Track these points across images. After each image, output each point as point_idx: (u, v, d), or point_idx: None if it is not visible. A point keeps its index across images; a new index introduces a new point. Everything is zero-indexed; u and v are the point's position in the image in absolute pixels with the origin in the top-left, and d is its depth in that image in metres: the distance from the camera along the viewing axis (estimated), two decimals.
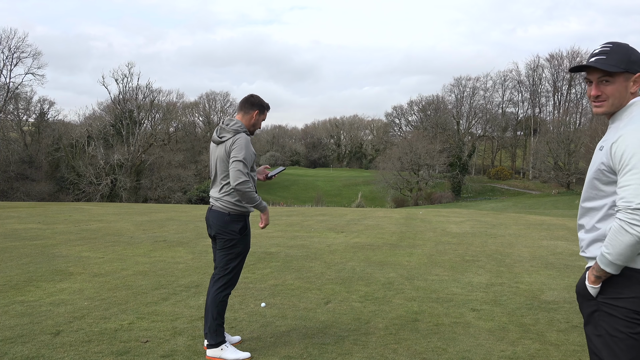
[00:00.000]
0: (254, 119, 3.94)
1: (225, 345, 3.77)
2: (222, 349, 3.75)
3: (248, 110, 3.93)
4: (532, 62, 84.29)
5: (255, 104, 3.94)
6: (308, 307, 5.21)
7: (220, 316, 3.80)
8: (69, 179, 55.27)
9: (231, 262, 3.85)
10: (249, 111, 3.93)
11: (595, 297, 2.05)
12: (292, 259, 8.18)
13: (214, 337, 3.78)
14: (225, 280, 3.84)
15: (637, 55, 2.10)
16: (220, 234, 3.87)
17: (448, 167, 71.39)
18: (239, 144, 3.75)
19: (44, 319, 4.59)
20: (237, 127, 3.84)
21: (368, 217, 18.29)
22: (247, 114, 3.93)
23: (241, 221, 3.86)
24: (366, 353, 3.89)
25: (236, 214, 3.86)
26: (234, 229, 3.83)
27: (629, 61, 2.06)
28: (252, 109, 3.93)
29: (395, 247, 9.76)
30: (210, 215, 3.95)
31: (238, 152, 3.71)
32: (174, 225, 13.49)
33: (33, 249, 8.74)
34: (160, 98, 69.21)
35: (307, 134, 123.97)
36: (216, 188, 3.94)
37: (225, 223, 3.85)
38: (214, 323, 3.78)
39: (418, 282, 6.53)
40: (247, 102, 3.94)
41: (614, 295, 2.00)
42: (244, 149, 3.72)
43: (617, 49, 2.10)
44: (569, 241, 11.24)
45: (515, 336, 4.38)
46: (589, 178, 2.16)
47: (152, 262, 7.66)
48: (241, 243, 3.86)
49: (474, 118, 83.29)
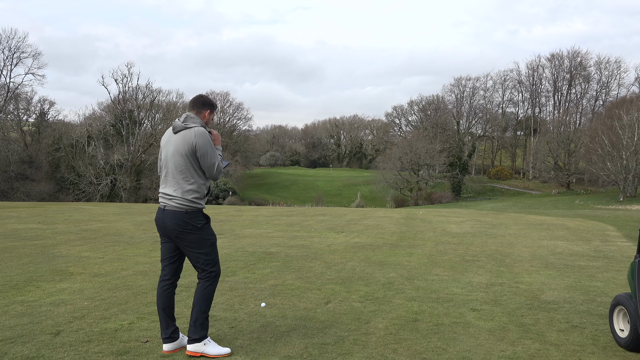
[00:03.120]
0: (206, 117, 3.95)
1: (208, 340, 3.76)
2: (204, 344, 3.73)
3: (200, 110, 3.93)
4: (533, 61, 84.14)
5: (206, 103, 3.96)
6: (308, 307, 5.21)
7: (208, 309, 3.79)
8: (69, 179, 55.27)
9: (209, 255, 3.80)
10: (201, 110, 3.93)
11: None
12: (292, 259, 8.18)
13: (199, 330, 3.74)
14: (213, 275, 3.82)
15: None
16: (182, 235, 3.75)
17: (448, 167, 71.40)
18: (205, 140, 3.76)
19: (44, 319, 4.58)
20: (200, 121, 3.87)
21: (368, 217, 18.29)
22: (199, 113, 3.93)
23: (200, 216, 3.80)
24: (366, 353, 3.89)
25: (194, 211, 3.77)
26: (196, 224, 3.75)
27: None
28: (204, 108, 3.94)
29: (395, 247, 9.75)
30: (164, 216, 3.79)
31: (211, 151, 3.78)
32: None
33: (33, 249, 8.74)
34: (160, 98, 69.23)
35: (307, 134, 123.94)
36: (170, 186, 3.80)
37: (185, 222, 3.73)
38: (201, 317, 3.74)
39: (418, 282, 6.53)
40: (198, 102, 3.95)
41: None
42: (208, 146, 3.77)
43: None
44: (569, 241, 11.24)
45: (515, 336, 4.38)
46: None
47: (152, 262, 7.66)
48: (208, 234, 3.82)
49: (474, 118, 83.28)
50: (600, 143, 52.92)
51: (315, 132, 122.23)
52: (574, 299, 5.78)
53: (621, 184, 51.24)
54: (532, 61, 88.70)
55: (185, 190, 3.75)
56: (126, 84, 63.93)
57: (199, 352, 3.72)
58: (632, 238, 11.96)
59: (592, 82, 78.90)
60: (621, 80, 77.11)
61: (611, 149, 51.44)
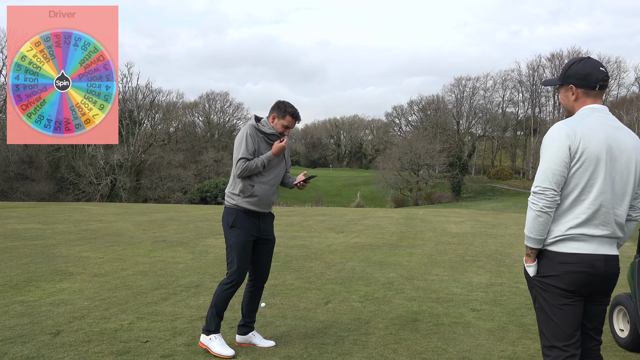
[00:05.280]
0: (272, 122, 4.08)
1: (215, 336, 3.85)
2: (210, 339, 3.85)
3: (269, 113, 4.12)
4: (534, 61, 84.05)
5: (273, 107, 4.11)
6: (308, 307, 5.21)
7: (218, 306, 3.88)
8: (69, 179, 55.23)
9: (228, 255, 3.92)
10: (269, 114, 4.11)
11: (532, 277, 2.49)
12: (292, 259, 8.18)
13: (208, 323, 3.89)
14: (228, 274, 3.91)
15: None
16: (223, 230, 4.01)
17: (448, 167, 71.36)
18: (239, 137, 3.98)
19: (44, 319, 4.58)
20: (254, 123, 4.06)
21: (368, 217, 18.29)
22: (268, 116, 4.11)
23: (232, 215, 3.91)
24: (366, 353, 3.89)
25: (230, 207, 3.95)
26: (226, 221, 3.93)
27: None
28: (271, 112, 4.11)
29: (395, 247, 9.76)
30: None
31: (241, 147, 3.93)
32: (174, 225, 13.49)
33: (33, 249, 8.74)
34: (160, 98, 69.24)
35: (307, 134, 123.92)
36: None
37: (223, 216, 4.00)
38: (210, 310, 3.90)
39: (418, 282, 6.53)
40: (273, 105, 4.10)
41: (543, 274, 2.45)
42: (238, 143, 3.96)
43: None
44: None
45: (515, 336, 4.38)
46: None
47: (152, 262, 7.66)
48: (230, 235, 3.90)
49: (474, 118, 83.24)
50: None
51: (315, 132, 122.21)
52: None
53: None
54: (533, 61, 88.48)
55: (228, 184, 4.03)
56: (126, 84, 63.78)
57: (205, 345, 3.87)
58: (632, 238, 11.96)
59: None
60: (621, 80, 77.02)
61: None
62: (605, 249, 2.40)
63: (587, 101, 2.51)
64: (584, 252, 2.37)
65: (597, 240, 2.39)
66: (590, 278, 2.37)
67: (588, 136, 2.36)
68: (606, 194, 2.37)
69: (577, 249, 2.38)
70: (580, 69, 2.49)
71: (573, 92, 2.52)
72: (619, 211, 2.43)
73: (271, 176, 4.02)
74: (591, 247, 2.38)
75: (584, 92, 2.50)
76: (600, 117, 2.45)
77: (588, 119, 2.42)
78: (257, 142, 3.94)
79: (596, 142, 2.36)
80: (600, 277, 2.39)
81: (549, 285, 2.42)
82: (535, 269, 2.48)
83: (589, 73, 2.47)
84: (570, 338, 2.41)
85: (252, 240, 3.95)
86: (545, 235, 2.41)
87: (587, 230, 2.37)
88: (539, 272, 2.47)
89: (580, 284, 2.38)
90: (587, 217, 2.37)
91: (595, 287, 2.42)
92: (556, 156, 2.36)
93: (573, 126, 2.39)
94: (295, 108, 4.09)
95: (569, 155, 2.35)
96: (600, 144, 2.36)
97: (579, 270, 2.36)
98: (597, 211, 2.37)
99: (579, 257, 2.37)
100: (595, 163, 2.35)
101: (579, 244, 2.38)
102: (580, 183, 2.37)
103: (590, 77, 2.47)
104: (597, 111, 2.47)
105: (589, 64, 2.49)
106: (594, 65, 2.48)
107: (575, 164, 2.36)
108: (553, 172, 2.35)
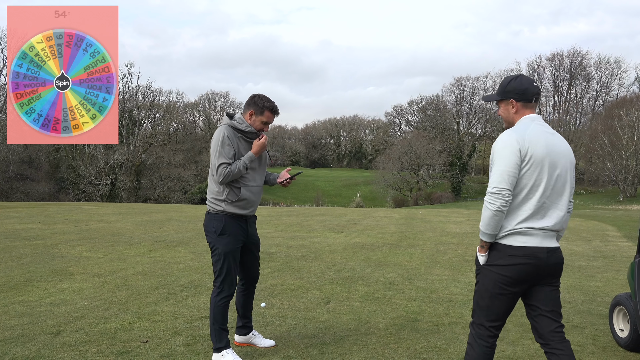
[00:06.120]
0: (250, 119, 3.75)
1: (226, 352, 3.63)
2: (222, 355, 3.62)
3: (245, 109, 3.77)
4: (534, 62, 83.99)
5: (250, 103, 3.75)
6: (308, 307, 5.21)
7: (218, 321, 3.66)
8: (69, 179, 55.25)
9: (216, 264, 3.67)
10: (245, 110, 3.76)
11: (482, 264, 2.80)
12: (292, 259, 8.18)
13: (214, 341, 3.68)
14: (217, 283, 3.69)
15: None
16: (205, 235, 3.77)
17: (448, 167, 71.37)
18: (215, 139, 3.66)
19: (44, 319, 4.58)
20: (229, 121, 3.75)
21: (368, 217, 18.29)
22: (244, 112, 3.77)
23: (220, 221, 3.66)
24: (366, 353, 3.89)
25: (216, 213, 3.68)
26: (210, 228, 3.68)
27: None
28: (248, 108, 3.76)
29: (395, 247, 9.75)
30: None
31: (219, 150, 3.64)
32: (174, 225, 13.49)
33: (33, 249, 8.74)
34: (160, 98, 69.25)
35: (307, 134, 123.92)
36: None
37: (206, 222, 3.74)
38: (212, 327, 3.68)
39: (418, 282, 6.53)
40: (247, 100, 3.77)
41: (492, 263, 2.75)
42: (215, 146, 3.64)
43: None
44: (568, 241, 11.24)
45: (515, 336, 4.38)
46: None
47: (152, 262, 7.66)
48: (219, 243, 3.65)
49: (474, 118, 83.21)
50: (600, 143, 52.94)
51: (315, 132, 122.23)
52: (574, 299, 5.78)
53: (621, 184, 51.27)
54: (533, 61, 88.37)
55: (209, 189, 3.76)
56: (126, 84, 63.81)
57: None
58: (632, 238, 11.96)
59: (592, 82, 78.85)
60: (621, 80, 77.00)
61: (611, 149, 51.46)
62: (547, 242, 2.71)
63: (525, 112, 2.83)
64: (529, 245, 2.67)
65: (541, 234, 2.70)
66: (533, 269, 2.68)
67: (534, 142, 2.67)
68: (549, 192, 2.69)
69: (524, 243, 2.68)
70: (518, 84, 2.82)
71: (513, 105, 2.84)
72: (559, 207, 2.74)
73: (256, 177, 3.78)
74: (536, 240, 2.68)
75: (523, 105, 2.83)
76: (538, 125, 2.77)
77: (530, 127, 2.74)
78: (236, 143, 3.64)
79: (540, 148, 2.67)
80: (543, 268, 2.70)
81: (495, 274, 2.72)
82: (485, 259, 2.78)
83: (527, 88, 2.80)
84: (497, 320, 2.77)
85: (240, 245, 3.76)
86: (498, 231, 2.71)
87: (533, 224, 2.67)
88: (488, 261, 2.77)
89: (525, 274, 2.69)
90: (533, 212, 2.67)
91: (540, 276, 2.72)
92: (510, 159, 2.66)
93: (520, 133, 2.70)
94: (273, 101, 3.75)
95: (520, 158, 2.65)
96: (544, 149, 2.68)
97: (524, 262, 2.67)
98: (541, 207, 2.68)
99: (525, 250, 2.67)
100: (540, 165, 2.67)
101: (526, 238, 2.68)
102: (529, 183, 2.67)
103: (527, 91, 2.80)
104: (536, 120, 2.80)
105: (525, 81, 2.83)
106: (529, 81, 2.83)
107: (524, 166, 2.66)
108: (508, 174, 2.65)
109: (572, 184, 2.83)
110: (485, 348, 2.77)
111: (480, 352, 2.77)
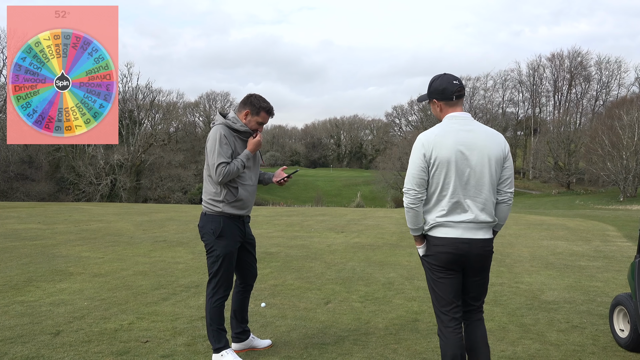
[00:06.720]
0: (246, 119, 3.74)
1: (226, 352, 3.62)
2: (222, 355, 3.61)
3: (240, 109, 3.75)
4: (534, 61, 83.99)
5: (246, 102, 3.74)
6: (308, 307, 5.21)
7: (215, 322, 3.65)
8: (69, 179, 55.25)
9: (213, 265, 3.65)
10: (241, 109, 3.74)
11: (421, 256, 3.03)
12: (292, 259, 8.18)
13: (213, 342, 3.66)
14: (212, 285, 3.67)
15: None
16: (201, 236, 3.74)
17: None
18: (212, 138, 3.65)
19: (44, 319, 4.58)
20: (223, 120, 3.72)
21: (368, 217, 18.29)
22: (239, 112, 3.75)
23: (218, 223, 3.63)
24: (366, 353, 3.89)
25: (214, 214, 3.66)
26: (208, 230, 3.65)
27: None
28: (243, 107, 3.74)
29: (395, 247, 9.75)
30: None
31: (217, 150, 3.63)
32: (174, 225, 13.49)
33: (33, 249, 8.74)
34: (160, 98, 69.22)
35: (307, 134, 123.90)
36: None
37: (203, 223, 3.71)
38: (209, 328, 3.67)
39: (418, 282, 6.53)
40: (242, 100, 3.76)
41: (424, 254, 2.99)
42: (212, 145, 3.63)
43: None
44: (569, 241, 11.24)
45: (515, 336, 4.38)
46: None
47: (152, 262, 7.66)
48: (217, 245, 3.62)
49: (474, 118, 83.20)
50: (600, 143, 52.91)
51: (315, 132, 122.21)
52: (574, 299, 5.78)
53: (621, 184, 51.23)
54: (533, 61, 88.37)
55: (205, 190, 3.73)
56: (126, 84, 63.77)
57: None
58: (632, 238, 11.96)
59: (593, 82, 78.82)
60: (621, 80, 76.98)
61: (611, 149, 51.43)
62: (470, 234, 2.87)
63: (449, 110, 2.96)
64: (449, 236, 2.87)
65: (463, 226, 2.86)
66: (456, 257, 2.86)
67: (439, 144, 2.83)
68: (460, 189, 2.84)
69: (445, 234, 2.88)
70: (438, 85, 2.96)
71: (437, 104, 2.99)
72: (479, 200, 2.86)
73: (252, 176, 3.77)
74: (457, 232, 2.86)
75: (445, 104, 2.96)
76: (455, 123, 2.91)
77: (443, 127, 2.90)
78: (233, 142, 3.63)
79: (446, 149, 2.82)
80: (466, 257, 2.87)
81: (429, 263, 2.96)
82: (424, 250, 3.00)
83: (445, 88, 2.93)
84: (449, 304, 2.92)
85: (238, 247, 3.75)
86: (419, 225, 2.95)
87: (453, 218, 2.86)
88: (423, 252, 3.01)
89: (449, 262, 2.88)
90: (450, 208, 2.85)
91: (468, 264, 2.90)
92: (414, 163, 2.88)
93: (428, 136, 2.88)
94: (269, 102, 3.74)
95: (425, 161, 2.85)
96: (449, 150, 2.82)
97: (445, 251, 2.87)
98: (457, 203, 2.85)
99: (445, 240, 2.87)
100: (447, 166, 2.82)
101: (447, 230, 2.88)
102: (440, 182, 2.86)
103: (446, 91, 2.93)
104: (455, 118, 2.93)
105: (445, 80, 2.95)
106: (449, 80, 2.94)
107: (432, 168, 2.86)
108: (413, 176, 2.88)
109: (496, 176, 2.91)
110: (450, 333, 2.89)
111: (449, 337, 2.89)
